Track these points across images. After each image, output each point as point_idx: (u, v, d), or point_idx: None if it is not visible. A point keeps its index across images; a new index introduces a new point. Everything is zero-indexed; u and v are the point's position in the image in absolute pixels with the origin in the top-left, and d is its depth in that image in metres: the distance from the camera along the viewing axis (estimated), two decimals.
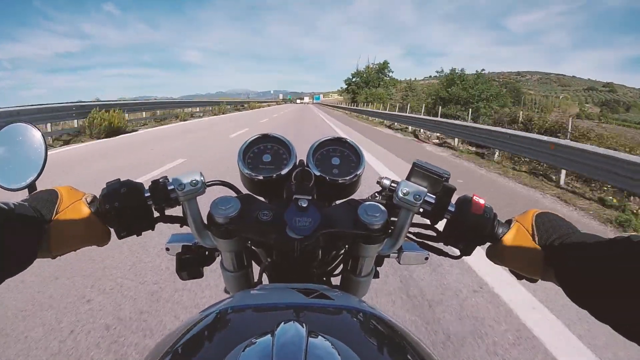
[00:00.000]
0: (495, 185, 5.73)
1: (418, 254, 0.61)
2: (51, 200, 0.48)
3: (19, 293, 2.09)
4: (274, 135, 0.62)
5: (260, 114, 26.23)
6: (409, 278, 2.40)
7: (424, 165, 0.54)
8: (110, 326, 1.82)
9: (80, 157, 6.76)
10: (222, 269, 0.59)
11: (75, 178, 4.97)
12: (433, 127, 12.15)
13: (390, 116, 18.33)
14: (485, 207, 0.50)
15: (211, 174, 0.52)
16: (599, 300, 0.39)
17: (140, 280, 2.28)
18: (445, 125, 11.11)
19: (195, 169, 0.53)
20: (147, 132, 11.50)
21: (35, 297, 2.07)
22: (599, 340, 1.83)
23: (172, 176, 0.51)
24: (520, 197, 4.98)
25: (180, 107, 20.18)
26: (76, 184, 0.55)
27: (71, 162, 6.14)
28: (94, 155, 6.92)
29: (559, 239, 0.46)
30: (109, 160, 6.33)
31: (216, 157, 6.68)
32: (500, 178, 6.30)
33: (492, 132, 8.39)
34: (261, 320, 0.39)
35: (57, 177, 4.82)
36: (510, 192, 5.27)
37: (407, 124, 15.14)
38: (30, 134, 0.60)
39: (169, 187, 0.50)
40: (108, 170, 5.41)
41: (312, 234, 0.47)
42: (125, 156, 6.80)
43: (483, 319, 2.00)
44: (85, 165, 5.99)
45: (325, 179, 0.57)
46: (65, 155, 7.04)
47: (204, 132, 11.86)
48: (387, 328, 0.41)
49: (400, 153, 8.20)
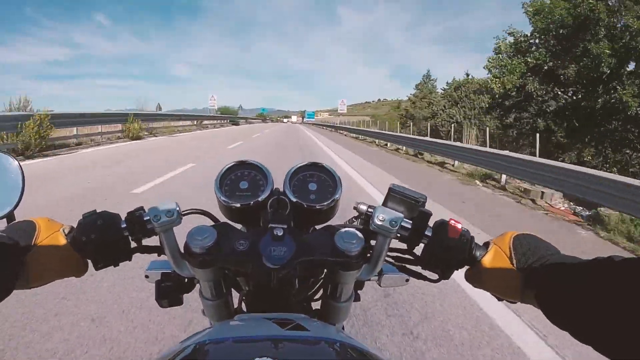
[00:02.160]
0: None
1: (398, 277, 0.61)
2: (29, 232, 0.48)
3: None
4: (251, 162, 0.62)
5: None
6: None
7: (400, 190, 0.55)
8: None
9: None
10: (201, 297, 0.58)
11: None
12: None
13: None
14: (462, 231, 0.51)
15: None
16: (580, 322, 0.39)
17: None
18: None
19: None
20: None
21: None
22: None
23: (148, 207, 0.51)
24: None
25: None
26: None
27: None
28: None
29: (537, 261, 0.46)
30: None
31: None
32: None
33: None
34: (238, 353, 0.39)
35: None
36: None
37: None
38: (7, 163, 0.60)
39: (145, 217, 0.50)
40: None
41: (287, 263, 0.47)
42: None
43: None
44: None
45: (303, 205, 0.57)
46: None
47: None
48: (364, 359, 0.41)
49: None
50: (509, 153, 7.57)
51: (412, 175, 8.53)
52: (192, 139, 15.73)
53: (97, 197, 4.61)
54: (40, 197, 4.41)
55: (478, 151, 8.75)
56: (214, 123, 30.20)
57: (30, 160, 7.51)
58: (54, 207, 4.08)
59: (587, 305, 0.38)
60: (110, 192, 4.96)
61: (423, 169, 9.97)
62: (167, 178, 6.07)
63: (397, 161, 11.39)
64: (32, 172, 5.96)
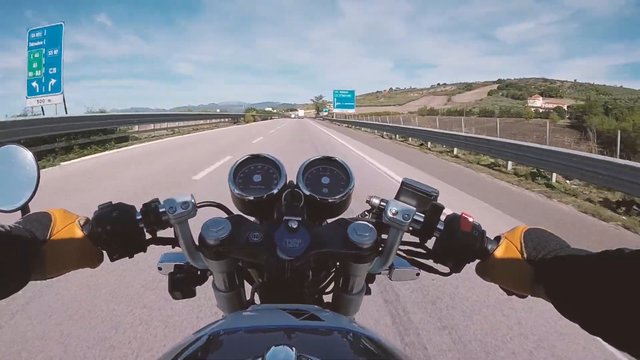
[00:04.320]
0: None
1: (409, 270, 0.62)
2: (45, 223, 0.48)
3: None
4: (265, 156, 0.62)
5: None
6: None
7: (412, 183, 0.55)
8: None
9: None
10: (214, 289, 0.59)
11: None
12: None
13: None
14: (473, 224, 0.51)
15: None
16: (590, 314, 0.39)
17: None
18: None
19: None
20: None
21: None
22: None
23: (163, 198, 0.52)
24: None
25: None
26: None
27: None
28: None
29: (548, 255, 0.46)
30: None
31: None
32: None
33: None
34: (252, 343, 0.39)
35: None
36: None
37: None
38: (22, 156, 0.60)
39: (160, 209, 0.51)
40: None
41: (302, 255, 0.47)
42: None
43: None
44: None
45: (316, 199, 0.57)
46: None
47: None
48: (378, 348, 0.41)
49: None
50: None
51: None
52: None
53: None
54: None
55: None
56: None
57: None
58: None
59: (597, 297, 0.38)
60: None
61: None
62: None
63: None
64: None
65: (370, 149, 12.59)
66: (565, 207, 5.37)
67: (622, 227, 4.50)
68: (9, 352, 1.71)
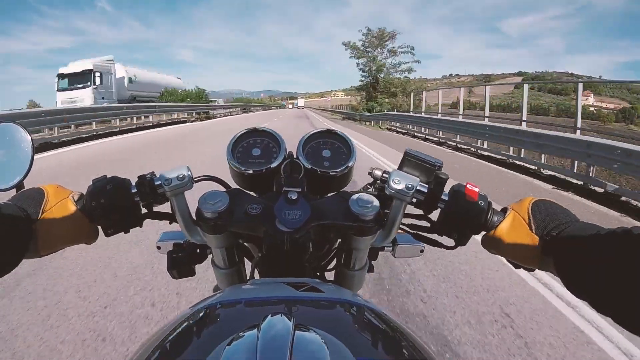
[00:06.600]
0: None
1: (413, 247, 0.60)
2: (37, 199, 0.47)
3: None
4: (263, 129, 0.61)
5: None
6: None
7: (415, 154, 0.53)
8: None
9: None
10: (214, 266, 0.58)
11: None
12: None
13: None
14: (479, 195, 0.49)
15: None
16: (599, 292, 0.37)
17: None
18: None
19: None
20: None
21: None
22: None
23: (159, 172, 0.50)
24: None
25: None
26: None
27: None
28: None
29: (556, 228, 0.44)
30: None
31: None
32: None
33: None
34: (249, 314, 0.39)
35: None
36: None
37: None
38: (18, 134, 0.59)
39: (156, 182, 0.49)
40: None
41: (302, 226, 0.46)
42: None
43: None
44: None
45: (317, 172, 0.56)
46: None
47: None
48: (381, 321, 0.40)
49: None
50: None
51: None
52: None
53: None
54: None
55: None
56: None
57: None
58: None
59: (608, 275, 0.36)
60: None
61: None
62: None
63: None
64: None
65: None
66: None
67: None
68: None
